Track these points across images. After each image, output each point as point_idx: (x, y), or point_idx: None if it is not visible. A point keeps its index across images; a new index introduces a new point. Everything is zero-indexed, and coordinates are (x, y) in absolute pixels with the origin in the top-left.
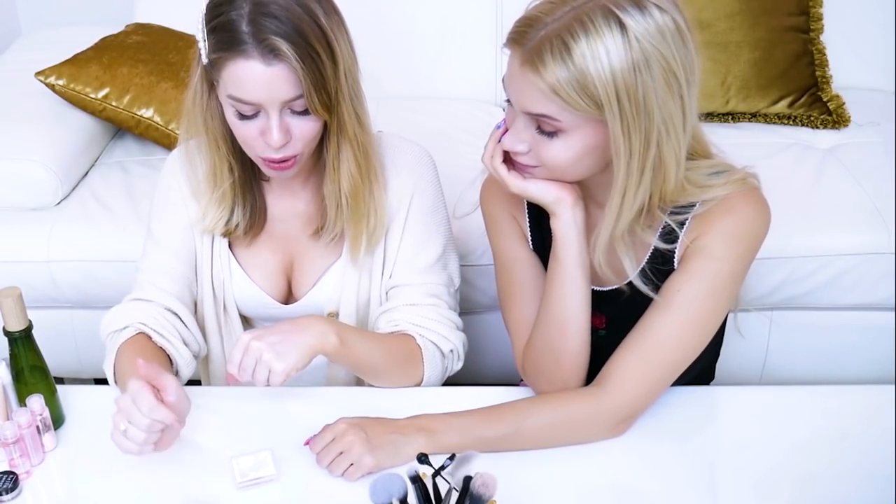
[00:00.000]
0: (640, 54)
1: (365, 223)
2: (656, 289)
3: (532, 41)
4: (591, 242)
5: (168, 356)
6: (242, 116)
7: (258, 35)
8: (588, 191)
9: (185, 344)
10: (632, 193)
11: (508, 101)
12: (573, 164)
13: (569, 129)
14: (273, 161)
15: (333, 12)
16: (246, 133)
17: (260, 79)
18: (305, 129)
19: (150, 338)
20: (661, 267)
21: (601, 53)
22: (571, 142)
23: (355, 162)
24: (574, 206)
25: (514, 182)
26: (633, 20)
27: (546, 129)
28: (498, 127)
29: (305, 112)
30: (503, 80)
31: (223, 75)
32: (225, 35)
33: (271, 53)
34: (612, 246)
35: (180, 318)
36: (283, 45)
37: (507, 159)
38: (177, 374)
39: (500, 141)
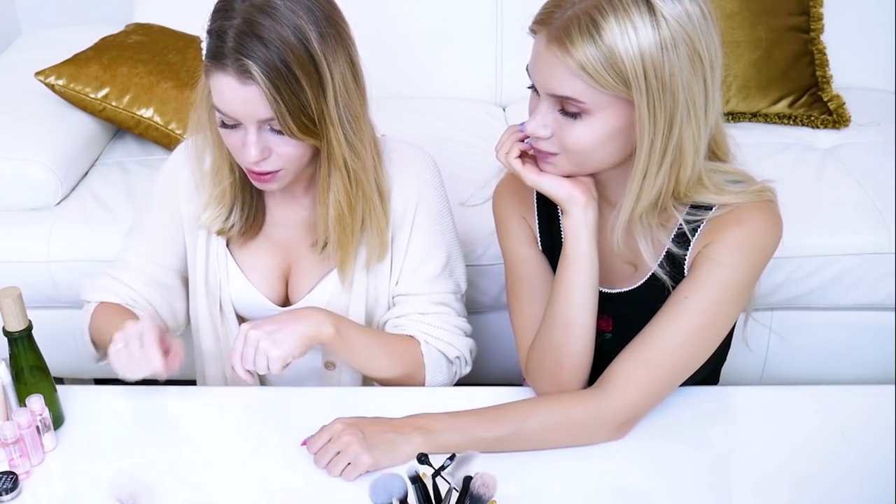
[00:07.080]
0: (668, 33)
1: (353, 255)
2: (674, 280)
3: (559, 20)
4: (610, 224)
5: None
6: (225, 125)
7: (235, 54)
8: (601, 188)
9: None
10: (652, 175)
11: (532, 87)
12: (595, 150)
13: (593, 110)
14: (253, 172)
15: (332, 36)
16: (229, 142)
17: (235, 95)
18: (286, 149)
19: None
20: (671, 270)
21: (629, 31)
22: (595, 124)
23: (344, 191)
24: (586, 206)
25: (530, 175)
26: (660, 0)
27: (570, 110)
28: (520, 129)
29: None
30: (527, 67)
31: (210, 82)
32: (213, 44)
33: (245, 73)
34: (632, 235)
35: (150, 303)
36: (255, 69)
37: (523, 155)
38: None
39: (521, 140)
